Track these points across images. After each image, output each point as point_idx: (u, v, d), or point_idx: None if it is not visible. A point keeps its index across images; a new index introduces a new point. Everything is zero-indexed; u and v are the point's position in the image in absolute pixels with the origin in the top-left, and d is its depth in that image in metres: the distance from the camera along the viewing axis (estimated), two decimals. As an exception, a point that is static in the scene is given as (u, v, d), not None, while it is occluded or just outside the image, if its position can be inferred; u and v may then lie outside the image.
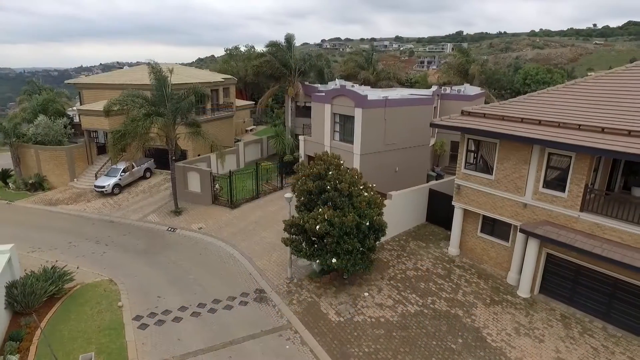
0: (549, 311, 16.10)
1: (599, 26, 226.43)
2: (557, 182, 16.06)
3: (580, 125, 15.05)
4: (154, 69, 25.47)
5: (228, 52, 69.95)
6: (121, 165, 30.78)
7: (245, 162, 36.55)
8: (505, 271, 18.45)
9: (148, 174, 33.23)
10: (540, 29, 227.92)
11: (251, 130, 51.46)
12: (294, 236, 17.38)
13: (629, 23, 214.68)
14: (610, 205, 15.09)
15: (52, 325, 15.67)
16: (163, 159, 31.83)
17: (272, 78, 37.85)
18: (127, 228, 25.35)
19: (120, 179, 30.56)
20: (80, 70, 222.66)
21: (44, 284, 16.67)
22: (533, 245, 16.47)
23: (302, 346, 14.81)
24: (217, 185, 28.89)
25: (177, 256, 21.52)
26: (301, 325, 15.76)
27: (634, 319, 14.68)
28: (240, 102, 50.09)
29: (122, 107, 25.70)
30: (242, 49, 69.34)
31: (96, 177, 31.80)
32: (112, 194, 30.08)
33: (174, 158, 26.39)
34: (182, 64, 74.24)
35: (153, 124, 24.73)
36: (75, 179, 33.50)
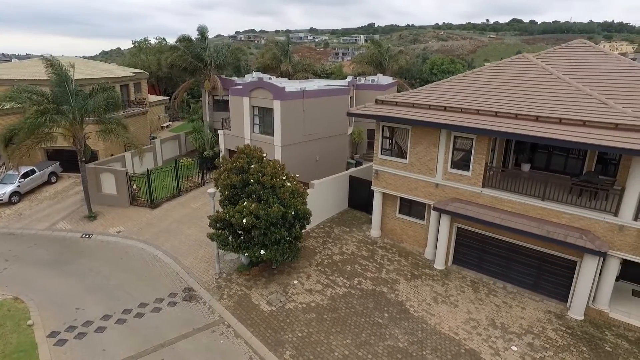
0: (461, 279, 17.88)
1: (491, 22, 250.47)
2: (462, 163, 17.75)
3: (478, 110, 16.76)
4: (51, 63, 23.26)
5: (136, 44, 65.90)
6: (20, 170, 27.81)
7: (163, 160, 34.98)
8: (423, 247, 20.03)
9: (53, 179, 30.36)
10: (444, 23, 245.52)
11: (167, 126, 49.27)
12: (219, 231, 17.22)
13: (514, 20, 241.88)
14: (505, 180, 17.12)
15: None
16: (71, 161, 29.33)
17: (186, 72, 36.50)
18: (32, 239, 23.06)
19: (19, 186, 27.58)
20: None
21: None
22: (445, 221, 18.08)
23: (236, 339, 14.87)
24: (134, 186, 27.40)
25: (94, 263, 20.15)
26: (233, 319, 15.77)
27: (525, 276, 17.02)
28: (153, 98, 47.68)
29: (14, 105, 23.10)
30: (152, 41, 65.79)
31: (-14, 186, 28.30)
32: (9, 203, 27.06)
33: (83, 159, 24.46)
34: (84, 57, 68.43)
35: (54, 122, 22.61)
36: (-40, 190, 29.48)
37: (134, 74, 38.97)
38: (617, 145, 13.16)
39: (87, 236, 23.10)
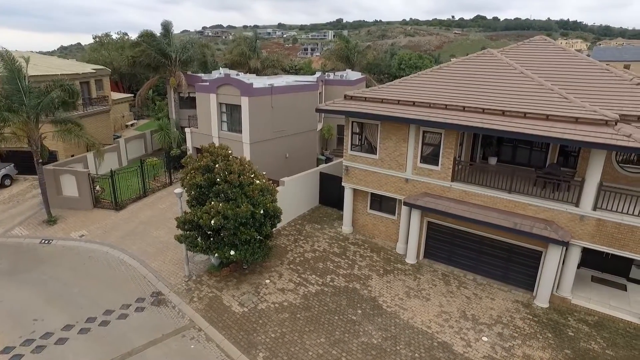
0: (432, 272, 18.09)
1: (456, 18, 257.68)
2: (431, 157, 17.90)
3: (446, 105, 16.91)
4: (2, 57, 21.86)
5: (97, 39, 63.39)
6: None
7: (128, 160, 33.78)
8: (394, 242, 20.15)
9: (8, 182, 28.80)
10: (410, 18, 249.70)
11: (132, 125, 47.67)
12: (188, 232, 16.72)
13: (478, 17, 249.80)
14: (473, 174, 17.40)
15: None
16: (27, 162, 27.85)
17: (150, 68, 35.29)
18: (-14, 246, 21.76)
19: (-30, 190, 26.01)
20: None
21: None
22: (416, 215, 18.22)
23: (207, 343, 14.48)
24: (97, 187, 26.31)
25: (55, 270, 19.17)
26: (204, 322, 15.36)
27: (494, 267, 17.40)
28: (116, 95, 45.96)
29: None
30: (114, 36, 63.47)
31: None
32: (-39, 208, 25.49)
33: (40, 161, 23.21)
34: (41, 52, 65.41)
35: (4, 120, 21.22)
36: None
37: (95, 71, 37.41)
38: (578, 139, 13.55)
39: (46, 242, 21.97)
